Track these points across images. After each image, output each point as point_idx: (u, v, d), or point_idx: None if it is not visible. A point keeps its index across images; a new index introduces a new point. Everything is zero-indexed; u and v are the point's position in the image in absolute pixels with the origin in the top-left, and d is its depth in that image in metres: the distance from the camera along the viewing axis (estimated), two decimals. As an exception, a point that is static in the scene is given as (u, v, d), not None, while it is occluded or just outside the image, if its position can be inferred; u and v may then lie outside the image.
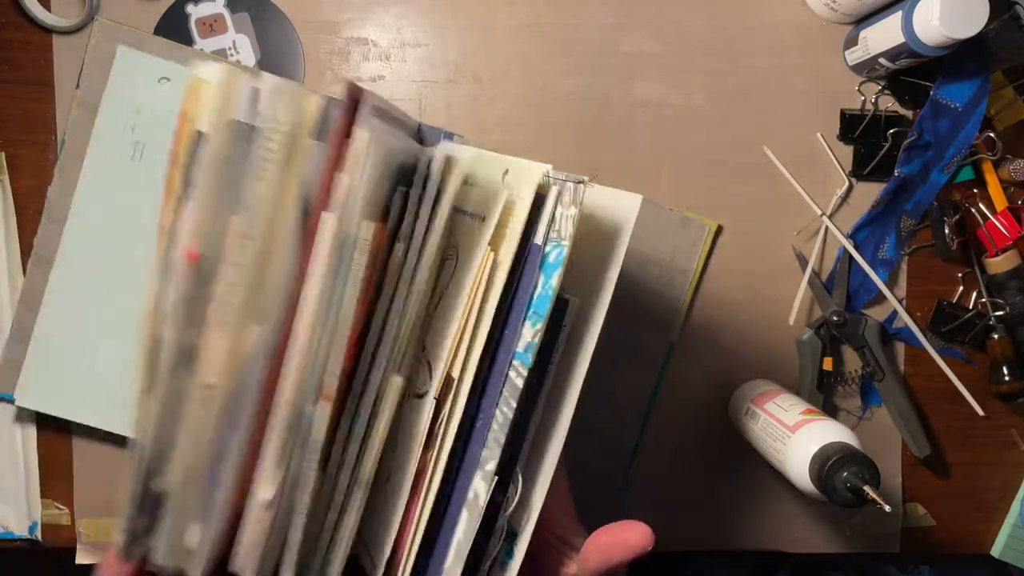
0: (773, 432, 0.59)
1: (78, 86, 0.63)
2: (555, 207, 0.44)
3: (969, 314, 0.68)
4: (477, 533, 0.44)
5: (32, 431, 0.65)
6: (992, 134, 0.67)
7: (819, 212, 0.68)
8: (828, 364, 0.68)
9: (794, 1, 0.68)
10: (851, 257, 0.68)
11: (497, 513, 0.46)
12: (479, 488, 0.45)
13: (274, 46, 0.67)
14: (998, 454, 0.71)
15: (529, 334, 0.44)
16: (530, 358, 0.44)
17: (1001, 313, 0.68)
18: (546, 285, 0.45)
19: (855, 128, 0.67)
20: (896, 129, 0.66)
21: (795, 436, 0.57)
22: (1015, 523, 0.70)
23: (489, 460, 0.45)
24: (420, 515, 0.45)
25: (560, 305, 0.46)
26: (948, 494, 0.71)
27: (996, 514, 0.72)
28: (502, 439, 0.44)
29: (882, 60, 0.63)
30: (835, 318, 0.67)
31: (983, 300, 0.69)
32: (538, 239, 0.44)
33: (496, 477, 0.44)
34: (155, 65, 0.62)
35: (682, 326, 0.68)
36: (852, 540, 0.70)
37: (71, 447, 0.66)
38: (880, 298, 0.69)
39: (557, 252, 0.45)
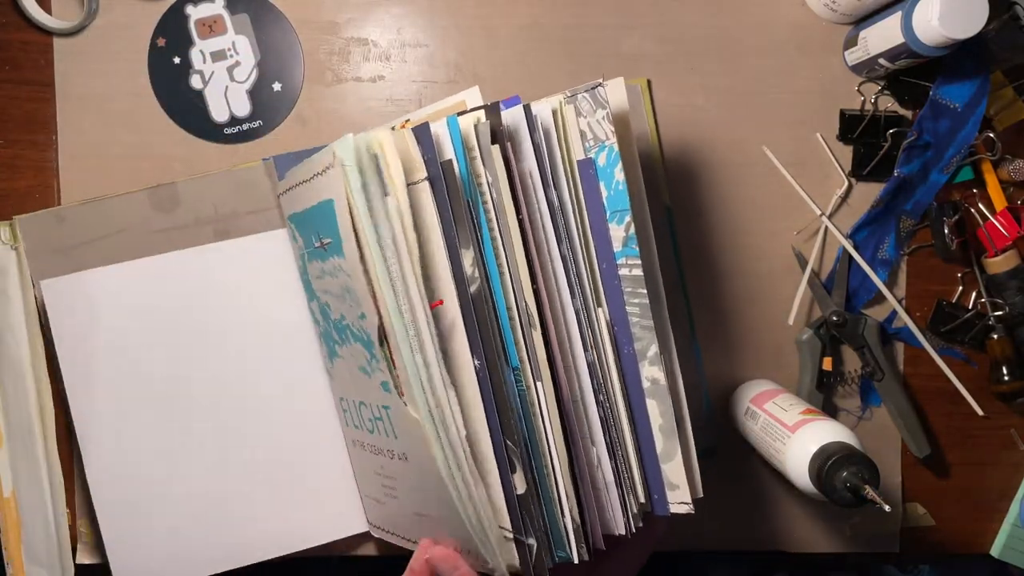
0: (773, 432, 0.59)
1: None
2: (577, 121, 0.51)
3: (969, 314, 0.68)
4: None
5: (61, 492, 0.65)
6: (991, 134, 0.67)
7: (819, 212, 0.68)
8: (828, 364, 0.68)
9: (794, 1, 0.68)
10: (851, 257, 0.68)
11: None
12: (653, 374, 0.52)
13: (274, 47, 0.67)
14: (998, 454, 0.71)
15: (621, 230, 0.52)
16: (635, 247, 0.52)
17: (1000, 313, 0.68)
18: (612, 185, 0.52)
19: (855, 128, 0.67)
20: (896, 129, 0.66)
21: (795, 436, 0.57)
22: (1015, 523, 0.70)
23: (649, 347, 0.52)
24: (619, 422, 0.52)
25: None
26: (948, 494, 0.71)
27: (996, 514, 0.71)
28: (649, 324, 0.52)
29: (882, 60, 0.63)
30: (835, 318, 0.67)
31: (983, 300, 0.69)
32: (579, 156, 0.51)
33: (662, 356, 0.52)
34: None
35: (667, 185, 0.67)
36: (852, 540, 0.70)
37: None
38: (880, 298, 0.69)
39: (606, 153, 0.52)
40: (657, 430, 0.53)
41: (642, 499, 0.53)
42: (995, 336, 0.68)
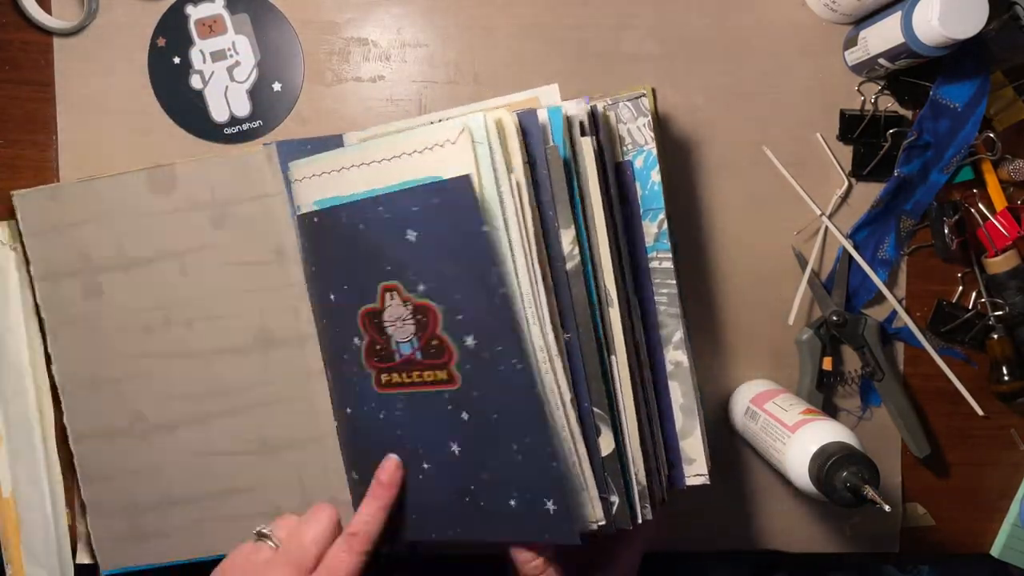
0: (773, 432, 0.60)
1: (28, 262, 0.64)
2: (616, 127, 0.57)
3: (969, 314, 0.68)
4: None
5: (60, 492, 0.65)
6: (991, 134, 0.67)
7: (819, 212, 0.68)
8: (828, 364, 0.68)
9: (794, 1, 0.68)
10: (851, 257, 0.68)
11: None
12: (677, 357, 0.58)
13: (274, 47, 0.67)
14: (998, 454, 0.71)
15: (654, 227, 0.58)
16: (667, 242, 0.58)
17: (1000, 313, 0.68)
18: (648, 185, 0.59)
19: (855, 128, 0.67)
20: (896, 129, 0.66)
21: (795, 436, 0.57)
22: (1015, 523, 0.70)
23: (675, 332, 0.58)
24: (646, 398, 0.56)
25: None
26: (948, 494, 0.71)
27: (996, 514, 0.72)
28: (676, 311, 0.58)
29: (882, 60, 0.63)
30: (835, 318, 0.67)
31: (982, 300, 0.69)
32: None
33: (685, 341, 0.58)
34: None
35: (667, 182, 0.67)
36: (852, 540, 0.70)
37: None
38: (880, 298, 0.69)
39: (643, 157, 0.58)
40: (678, 409, 0.58)
41: (667, 473, 0.57)
42: (995, 336, 0.68)
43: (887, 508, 0.48)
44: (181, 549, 0.64)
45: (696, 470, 0.59)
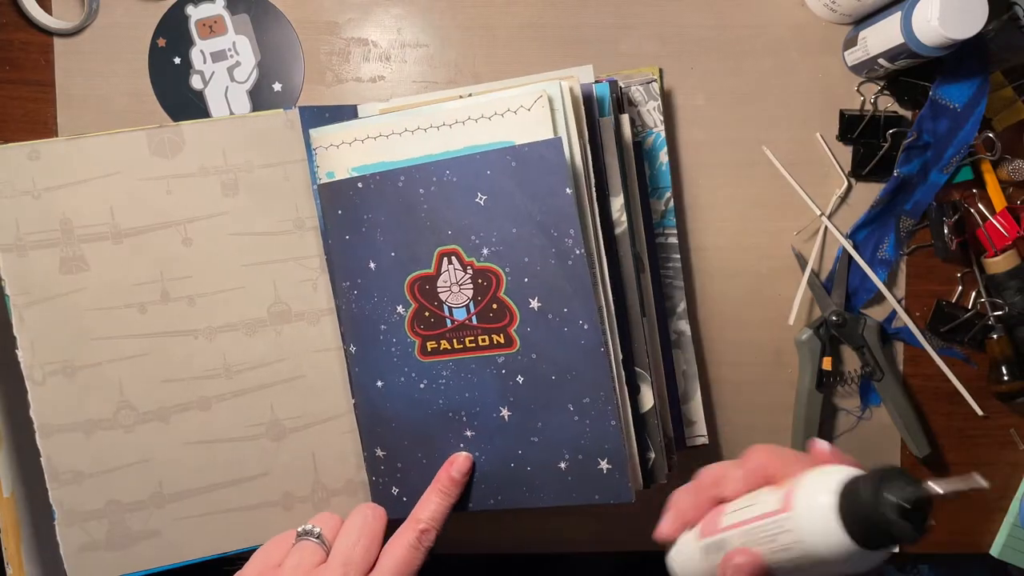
0: (764, 533, 0.41)
1: None
2: (626, 110, 0.60)
3: (968, 314, 0.68)
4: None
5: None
6: (991, 134, 0.67)
7: (818, 212, 0.68)
8: (827, 364, 0.68)
9: (794, 1, 0.68)
10: (850, 257, 0.68)
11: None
12: (680, 327, 0.64)
13: (274, 47, 0.67)
14: (997, 454, 0.71)
15: (660, 204, 0.63)
16: (672, 219, 0.63)
17: (1000, 313, 0.68)
18: (656, 165, 0.63)
19: (854, 128, 0.67)
20: (895, 129, 0.67)
21: (796, 510, 0.39)
22: (1015, 523, 0.70)
23: (678, 304, 0.64)
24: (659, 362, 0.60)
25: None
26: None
27: (996, 514, 0.72)
28: (680, 284, 0.63)
29: (881, 60, 0.63)
30: (834, 318, 0.67)
31: (982, 300, 0.69)
32: (627, 138, 0.58)
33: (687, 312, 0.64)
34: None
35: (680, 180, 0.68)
36: (852, 540, 0.70)
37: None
38: (879, 298, 0.69)
39: (653, 138, 0.63)
40: (680, 375, 0.63)
41: (671, 435, 0.60)
42: (995, 336, 0.68)
43: (984, 484, 0.35)
44: (176, 550, 0.59)
45: (697, 431, 0.64)
